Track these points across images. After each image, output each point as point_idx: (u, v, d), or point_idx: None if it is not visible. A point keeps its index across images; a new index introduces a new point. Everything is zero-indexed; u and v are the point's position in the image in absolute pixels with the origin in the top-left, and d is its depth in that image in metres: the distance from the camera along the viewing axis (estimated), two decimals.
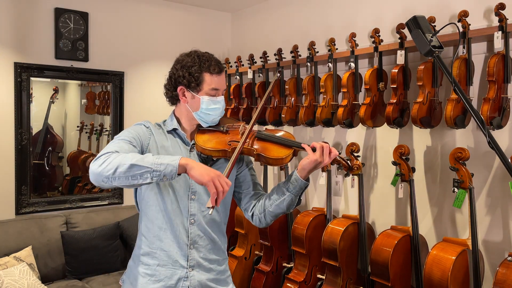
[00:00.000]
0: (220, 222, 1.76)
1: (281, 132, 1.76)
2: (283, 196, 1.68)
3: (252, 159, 1.75)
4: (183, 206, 1.68)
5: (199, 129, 1.75)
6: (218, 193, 1.42)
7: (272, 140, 1.70)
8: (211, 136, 1.71)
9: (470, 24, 2.47)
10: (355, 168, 1.77)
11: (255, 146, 1.69)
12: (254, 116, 1.74)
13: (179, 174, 1.45)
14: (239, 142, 1.67)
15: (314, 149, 1.65)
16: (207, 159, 1.71)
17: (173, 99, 1.75)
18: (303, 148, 1.67)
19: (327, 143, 1.70)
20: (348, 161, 1.79)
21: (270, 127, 3.85)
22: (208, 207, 1.45)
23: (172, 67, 1.74)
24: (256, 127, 1.77)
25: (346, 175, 3.07)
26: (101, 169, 1.43)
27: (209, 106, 1.68)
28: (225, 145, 1.67)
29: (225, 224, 1.81)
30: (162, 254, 1.67)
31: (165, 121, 1.79)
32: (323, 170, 3.06)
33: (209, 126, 1.75)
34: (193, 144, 1.71)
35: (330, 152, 1.65)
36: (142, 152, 1.65)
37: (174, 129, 1.74)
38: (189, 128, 1.75)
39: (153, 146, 1.68)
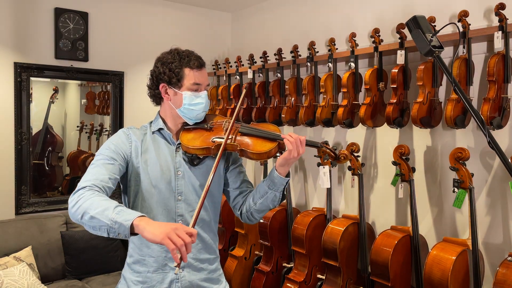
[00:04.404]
0: (209, 221, 1.75)
1: (269, 127, 1.72)
2: (265, 194, 1.68)
3: (237, 154, 1.73)
4: (170, 208, 1.67)
5: (184, 128, 1.73)
6: (179, 248, 1.28)
7: (256, 134, 1.67)
8: (196, 134, 1.70)
9: (470, 24, 2.47)
10: (342, 158, 1.75)
11: (239, 141, 1.66)
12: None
13: (135, 234, 1.36)
14: (223, 138, 1.65)
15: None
16: (192, 158, 1.70)
17: (156, 97, 1.74)
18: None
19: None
20: (335, 150, 1.76)
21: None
22: (175, 266, 1.32)
23: (153, 65, 1.74)
24: (240, 124, 1.73)
25: (333, 164, 3.05)
26: (73, 211, 1.42)
27: (191, 101, 1.67)
28: (209, 143, 1.66)
29: (216, 222, 1.81)
30: (151, 260, 1.67)
31: (152, 122, 1.79)
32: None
33: (195, 124, 1.73)
34: (179, 144, 1.71)
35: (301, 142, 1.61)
36: (126, 163, 1.65)
37: (159, 129, 1.73)
38: (174, 127, 1.74)
39: (137, 152, 1.68)
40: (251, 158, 1.65)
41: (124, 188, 1.73)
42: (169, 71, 1.67)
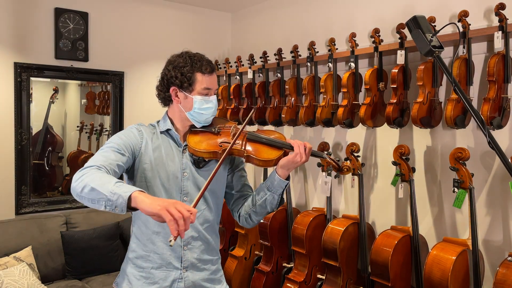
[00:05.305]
0: (213, 222, 1.77)
1: (274, 134, 1.75)
2: (264, 196, 1.70)
3: (243, 160, 1.75)
4: None
5: (191, 130, 1.75)
6: (176, 219, 1.25)
7: (263, 142, 1.70)
8: (203, 137, 1.72)
9: (470, 24, 2.47)
10: (345, 170, 1.78)
11: (246, 148, 1.68)
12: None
13: (132, 209, 1.34)
14: (230, 143, 1.67)
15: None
16: (198, 160, 1.71)
17: (166, 100, 1.75)
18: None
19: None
20: (338, 162, 1.79)
21: (270, 127, 3.85)
22: (170, 240, 1.27)
23: (164, 68, 1.74)
24: (247, 128, 1.76)
25: (336, 176, 3.07)
26: (74, 185, 1.41)
27: (202, 105, 1.68)
28: (216, 147, 1.68)
29: (218, 223, 1.82)
30: (155, 257, 1.68)
31: (159, 121, 1.79)
32: (323, 170, 3.06)
33: (202, 127, 1.75)
34: (186, 145, 1.72)
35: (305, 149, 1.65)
36: (134, 158, 1.66)
37: (167, 130, 1.74)
38: (182, 128, 1.76)
39: (147, 149, 1.68)
40: (257, 165, 1.68)
41: (129, 183, 1.73)
42: (181, 75, 1.67)
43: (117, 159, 1.56)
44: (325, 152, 1.92)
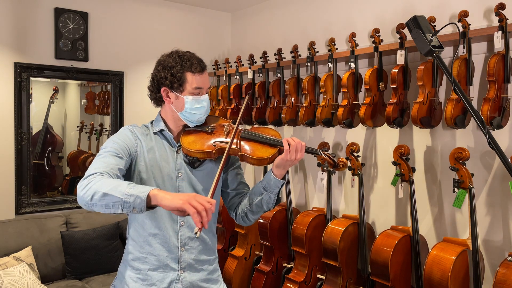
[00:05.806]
0: (210, 222, 1.76)
1: (270, 132, 1.73)
2: (260, 195, 1.69)
3: (238, 158, 1.74)
4: None
5: (185, 130, 1.73)
6: (199, 211, 1.30)
7: (257, 140, 1.68)
8: (196, 137, 1.70)
9: (470, 24, 2.47)
10: (341, 165, 1.77)
11: (240, 147, 1.67)
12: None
13: (151, 208, 1.37)
14: (224, 142, 1.66)
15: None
16: (193, 160, 1.71)
17: (158, 100, 1.74)
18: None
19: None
20: (334, 158, 1.77)
21: (270, 127, 3.85)
22: (195, 232, 1.32)
23: (154, 68, 1.72)
24: (241, 126, 1.74)
25: (332, 172, 3.07)
26: (82, 194, 1.41)
27: (193, 105, 1.67)
28: (210, 147, 1.66)
29: (215, 223, 1.82)
30: (152, 259, 1.68)
31: (152, 122, 1.78)
32: (323, 170, 3.06)
33: (195, 126, 1.73)
34: (179, 145, 1.71)
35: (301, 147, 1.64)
36: (131, 160, 1.65)
37: (161, 131, 1.73)
38: (175, 128, 1.75)
39: (141, 151, 1.67)
40: (251, 163, 1.66)
41: None
42: (170, 75, 1.66)
43: (117, 163, 1.55)
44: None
